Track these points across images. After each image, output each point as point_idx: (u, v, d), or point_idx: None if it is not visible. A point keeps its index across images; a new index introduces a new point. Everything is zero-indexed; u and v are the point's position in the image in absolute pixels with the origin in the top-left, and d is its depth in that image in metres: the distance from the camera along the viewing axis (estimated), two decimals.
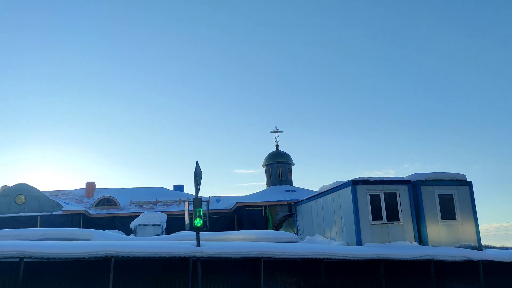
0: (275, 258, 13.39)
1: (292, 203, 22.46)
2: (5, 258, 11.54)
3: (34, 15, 74.10)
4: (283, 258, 13.44)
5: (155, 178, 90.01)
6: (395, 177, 16.67)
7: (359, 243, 15.26)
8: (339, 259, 13.93)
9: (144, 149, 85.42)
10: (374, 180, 15.98)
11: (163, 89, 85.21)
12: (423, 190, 16.07)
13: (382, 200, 15.80)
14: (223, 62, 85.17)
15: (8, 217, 30.36)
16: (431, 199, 16.07)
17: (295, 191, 35.74)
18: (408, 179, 16.41)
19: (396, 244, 15.29)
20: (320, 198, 18.38)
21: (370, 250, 14.40)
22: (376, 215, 15.69)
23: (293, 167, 39.41)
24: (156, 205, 35.79)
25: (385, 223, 15.66)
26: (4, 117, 77.59)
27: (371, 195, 15.77)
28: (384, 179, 16.24)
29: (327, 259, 13.82)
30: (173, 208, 34.41)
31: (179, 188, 41.81)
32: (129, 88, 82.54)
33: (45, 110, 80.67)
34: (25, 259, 11.64)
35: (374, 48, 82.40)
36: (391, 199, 15.92)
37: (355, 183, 15.79)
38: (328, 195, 17.71)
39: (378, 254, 14.20)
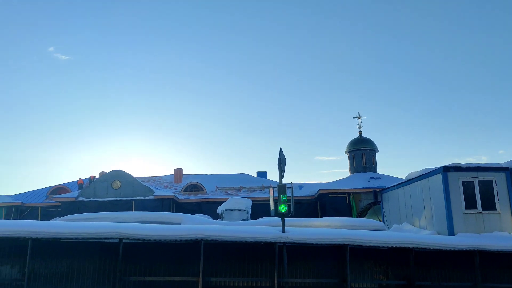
0: (361, 246, 13.17)
1: (378, 191, 21.87)
2: (106, 238, 12.47)
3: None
4: (370, 246, 13.17)
5: (238, 165, 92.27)
6: (491, 164, 15.59)
7: (451, 232, 14.53)
8: (429, 248, 13.39)
9: (228, 136, 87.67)
10: (467, 167, 15.07)
11: (247, 76, 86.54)
12: None
13: (477, 188, 14.87)
14: (306, 49, 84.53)
15: (106, 201, 32.71)
16: None
17: (379, 178, 34.85)
18: (505, 166, 15.27)
19: (493, 234, 14.35)
20: (408, 186, 17.70)
21: (463, 240, 13.68)
22: (470, 204, 14.81)
23: (377, 154, 38.41)
24: (240, 191, 36.68)
25: (480, 212, 14.76)
26: (100, 110, 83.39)
27: (463, 183, 14.90)
28: (478, 165, 15.25)
29: (417, 248, 13.34)
30: (257, 194, 35.07)
31: (262, 174, 42.49)
32: (215, 75, 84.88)
33: (135, 101, 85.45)
34: (123, 240, 12.48)
35: (459, 33, 77.23)
36: (487, 187, 14.92)
37: (446, 169, 15.00)
38: (416, 182, 17.01)
39: (473, 245, 13.46)
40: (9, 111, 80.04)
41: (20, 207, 34.48)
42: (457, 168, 15.02)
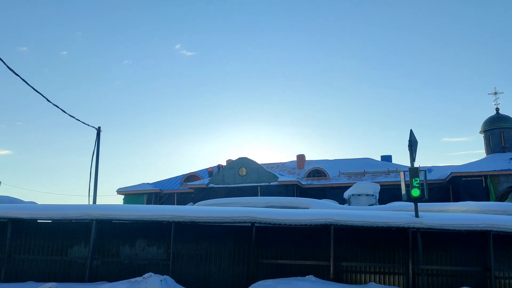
0: (507, 232, 12.06)
1: None
2: (239, 222, 13.08)
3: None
4: None
5: (361, 149, 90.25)
6: None
7: None
8: None
9: (350, 120, 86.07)
10: None
11: (367, 59, 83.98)
12: None
13: None
14: (437, 20, 79.23)
15: (233, 187, 34.27)
16: None
17: None
18: None
19: None
20: None
21: None
22: None
23: None
24: (364, 176, 35.86)
25: None
26: (225, 102, 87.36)
27: None
28: None
29: None
30: (382, 179, 33.99)
31: (386, 158, 41.00)
32: (334, 61, 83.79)
33: (257, 91, 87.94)
34: (256, 224, 12.98)
35: None
36: None
37: None
38: None
39: None
40: (146, 106, 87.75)
41: (159, 194, 37.69)
42: None
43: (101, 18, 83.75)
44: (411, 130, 12.99)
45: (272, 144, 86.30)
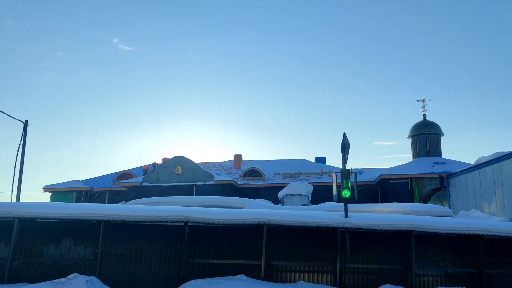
0: (428, 232, 12.77)
1: (444, 176, 21.06)
2: (172, 222, 12.88)
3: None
4: (437, 232, 12.73)
5: (297, 150, 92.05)
6: None
7: None
8: (501, 236, 12.76)
9: (287, 122, 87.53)
10: None
11: (305, 60, 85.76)
12: None
13: None
14: (368, 27, 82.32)
15: (168, 186, 33.77)
16: None
17: (444, 163, 33.54)
18: None
19: None
20: (478, 171, 16.91)
21: None
22: None
23: (442, 138, 36.91)
24: (298, 176, 36.59)
25: None
26: (161, 98, 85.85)
27: None
28: None
29: (487, 235, 12.75)
30: (315, 180, 34.85)
31: (320, 160, 42.11)
32: (274, 60, 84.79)
33: (196, 87, 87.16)
34: (189, 223, 12.84)
35: None
36: None
37: None
38: (487, 167, 16.21)
39: None
40: (79, 100, 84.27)
41: (89, 192, 36.36)
42: None
43: (35, 6, 79.50)
44: (344, 133, 13.40)
45: (209, 143, 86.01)
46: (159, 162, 38.59)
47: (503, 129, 78.93)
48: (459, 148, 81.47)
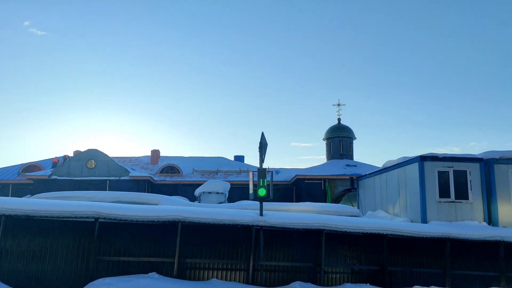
0: (337, 231, 13.35)
1: (355, 178, 22.14)
2: (81, 217, 12.30)
3: None
4: (346, 231, 13.37)
5: (216, 148, 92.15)
6: (466, 154, 15.91)
7: (424, 220, 14.84)
8: (403, 235, 13.67)
9: (207, 119, 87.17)
10: (443, 157, 15.35)
11: (227, 60, 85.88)
12: (496, 168, 15.25)
13: (451, 177, 15.18)
14: (286, 31, 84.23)
15: (80, 180, 32.24)
16: (504, 179, 15.23)
17: (355, 166, 35.27)
18: (480, 157, 15.62)
19: (464, 223, 14.71)
20: (385, 174, 17.96)
21: (436, 228, 13.99)
22: (444, 193, 15.12)
23: (354, 142, 38.78)
24: (217, 174, 36.61)
25: (453, 202, 15.10)
26: (77, 87, 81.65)
27: (439, 172, 15.19)
28: (454, 155, 15.55)
29: (391, 235, 13.59)
30: (234, 178, 35.07)
31: (239, 158, 42.45)
32: (195, 57, 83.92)
33: (115, 79, 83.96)
34: (99, 220, 12.33)
35: (443, 17, 78.13)
36: (461, 177, 15.24)
37: (423, 159, 15.25)
38: (393, 171, 17.27)
39: (444, 233, 13.78)
40: None
41: None
42: (433, 158, 15.29)
43: None
44: (262, 133, 13.61)
45: (126, 137, 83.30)
46: (71, 154, 36.65)
47: (410, 134, 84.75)
48: (370, 151, 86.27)
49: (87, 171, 32.70)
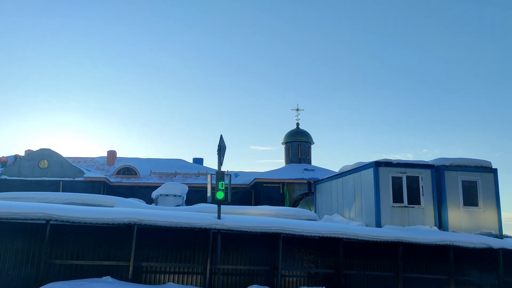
0: (294, 234, 13.47)
1: (312, 182, 22.44)
2: (32, 219, 11.84)
3: None
4: (302, 235, 13.51)
5: (174, 150, 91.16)
6: (418, 161, 16.48)
7: (379, 224, 15.23)
8: (358, 239, 13.95)
9: (165, 120, 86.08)
10: (397, 163, 15.83)
11: (185, 60, 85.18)
12: (446, 175, 15.88)
13: (404, 183, 15.68)
14: (247, 36, 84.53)
15: (31, 180, 31.10)
16: (454, 185, 15.89)
17: (313, 170, 35.74)
18: (431, 163, 16.21)
19: (416, 227, 15.21)
20: (341, 178, 18.32)
21: (389, 232, 14.37)
22: (397, 198, 15.60)
23: (312, 146, 39.33)
24: (175, 176, 36.20)
25: (405, 206, 15.58)
26: (27, 82, 78.73)
27: (393, 178, 15.65)
28: (407, 162, 16.07)
29: (346, 238, 13.85)
30: (192, 181, 34.78)
31: (198, 161, 42.16)
32: (152, 58, 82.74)
33: (69, 78, 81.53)
34: (51, 222, 11.91)
35: (401, 26, 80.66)
36: (413, 183, 15.77)
37: (377, 164, 15.67)
38: (349, 176, 17.63)
39: (397, 237, 14.17)
40: None
41: None
42: (387, 164, 15.73)
43: None
44: (221, 136, 13.59)
45: (81, 137, 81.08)
46: (22, 154, 35.27)
47: (367, 139, 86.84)
48: (327, 156, 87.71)
49: (39, 171, 31.60)
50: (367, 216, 16.04)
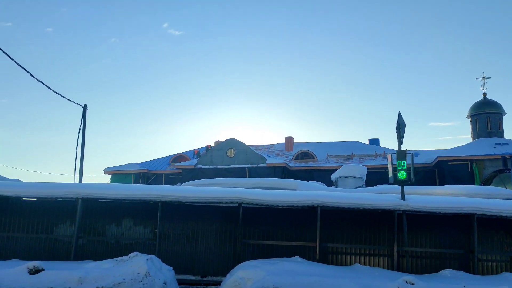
0: (491, 215, 12.22)
1: (508, 157, 20.01)
2: (226, 203, 13.04)
3: None
4: (501, 216, 12.16)
5: (349, 132, 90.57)
6: None
7: None
8: None
9: (339, 103, 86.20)
10: None
11: (358, 39, 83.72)
12: None
13: None
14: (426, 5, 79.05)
15: (221, 168, 34.19)
16: None
17: (507, 144, 31.86)
18: None
19: None
20: None
21: None
22: None
23: (504, 118, 35.01)
24: (352, 158, 36.00)
25: None
26: (213, 82, 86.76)
27: None
28: None
29: None
30: (369, 162, 34.13)
31: (374, 142, 41.18)
32: (323, 42, 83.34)
33: (245, 72, 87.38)
34: (243, 205, 12.96)
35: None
36: None
37: None
38: None
39: None
40: (133, 85, 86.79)
41: (147, 174, 37.49)
42: None
43: None
44: (399, 113, 12.98)
45: (261, 125, 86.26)
46: (212, 145, 39.11)
47: None
48: None
49: (228, 159, 34.53)
50: None
